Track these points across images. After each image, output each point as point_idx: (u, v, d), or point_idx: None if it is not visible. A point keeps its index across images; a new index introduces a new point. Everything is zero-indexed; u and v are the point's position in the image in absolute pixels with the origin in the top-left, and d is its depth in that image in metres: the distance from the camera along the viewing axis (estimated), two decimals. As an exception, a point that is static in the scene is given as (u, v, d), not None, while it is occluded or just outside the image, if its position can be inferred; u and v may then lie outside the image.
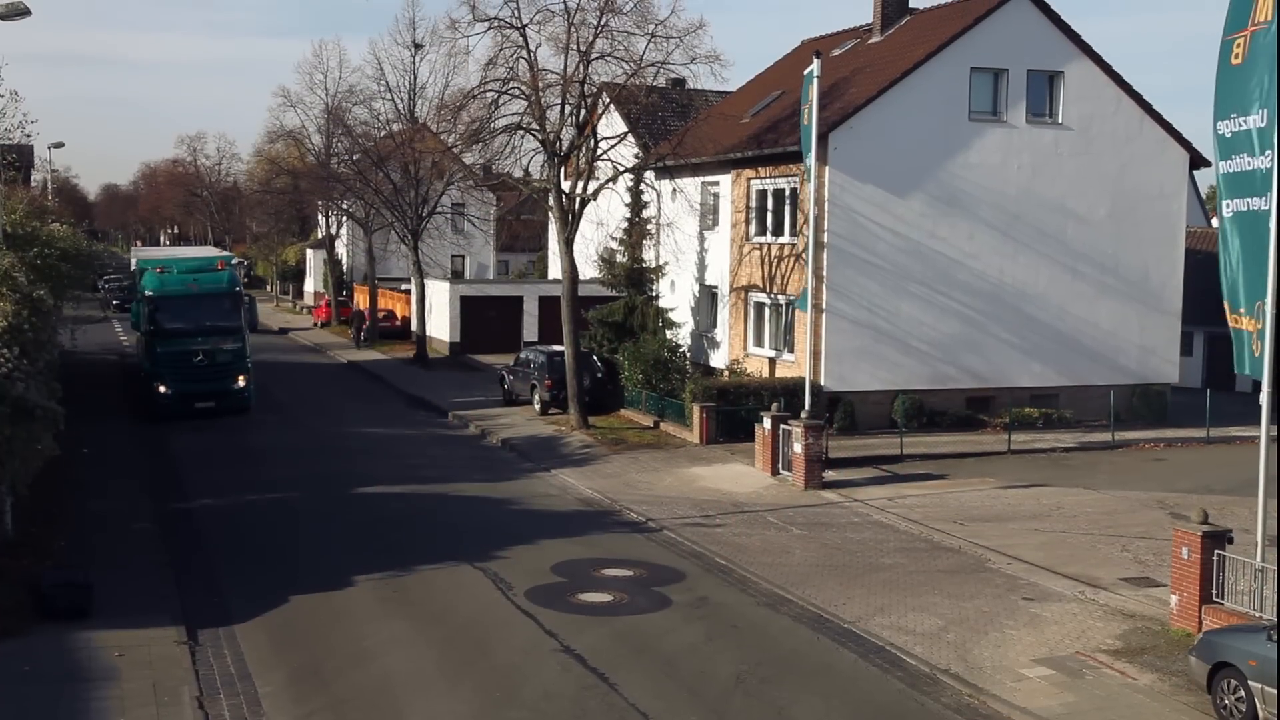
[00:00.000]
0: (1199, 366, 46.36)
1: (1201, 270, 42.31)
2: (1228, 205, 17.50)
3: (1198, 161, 37.20)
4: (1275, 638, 13.98)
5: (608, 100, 36.45)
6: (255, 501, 26.43)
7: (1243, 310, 17.29)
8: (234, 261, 38.50)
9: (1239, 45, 16.92)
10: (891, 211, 34.05)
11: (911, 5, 39.98)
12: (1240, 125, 16.99)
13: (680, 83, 45.41)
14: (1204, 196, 71.70)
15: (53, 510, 24.01)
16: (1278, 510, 16.73)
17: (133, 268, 42.56)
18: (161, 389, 35.84)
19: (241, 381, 36.79)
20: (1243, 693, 14.24)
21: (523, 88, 33.43)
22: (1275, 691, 13.79)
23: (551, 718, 14.56)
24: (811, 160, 29.72)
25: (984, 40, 34.51)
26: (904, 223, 34.20)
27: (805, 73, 29.99)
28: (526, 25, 33.11)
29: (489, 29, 33.11)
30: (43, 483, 23.92)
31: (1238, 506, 23.69)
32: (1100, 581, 20.49)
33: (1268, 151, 16.63)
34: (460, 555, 21.62)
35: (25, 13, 21.66)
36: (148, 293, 36.66)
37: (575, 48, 32.89)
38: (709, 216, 40.55)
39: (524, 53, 33.36)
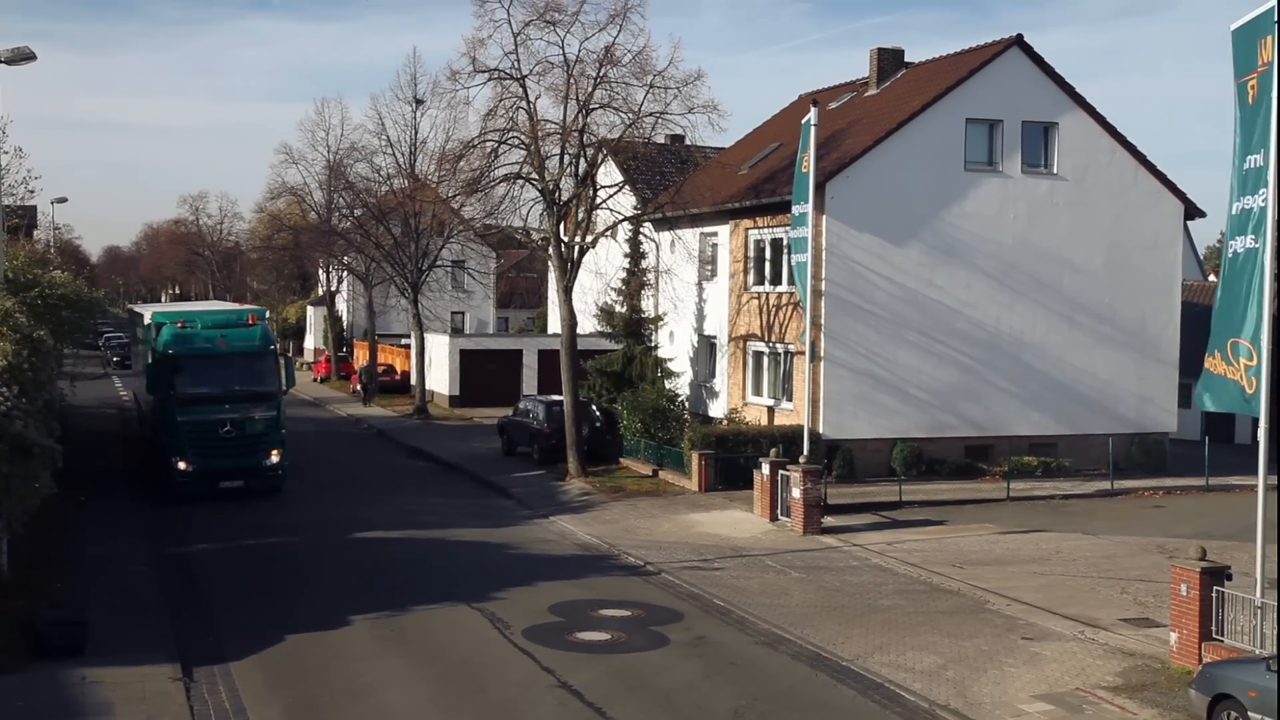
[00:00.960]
0: (1198, 419, 46.32)
1: (1199, 323, 42.29)
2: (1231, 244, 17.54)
3: (1192, 212, 37.53)
4: (1275, 668, 13.92)
5: (605, 152, 36.70)
6: (253, 546, 26.36)
7: (1219, 351, 17.43)
8: (265, 316, 34.53)
9: (1252, 86, 17.06)
10: (889, 260, 34.28)
11: (907, 60, 40.55)
12: (1254, 164, 17.10)
13: (679, 139, 45.90)
14: (1201, 255, 72.25)
15: (49, 554, 23.90)
16: (1278, 551, 16.69)
17: (146, 322, 35.99)
18: (181, 465, 30.69)
19: (275, 457, 31.68)
20: (1243, 724, 14.16)
21: (522, 137, 33.76)
22: (1276, 722, 13.72)
23: (548, 751, 14.47)
24: (809, 208, 29.90)
25: (978, 92, 34.94)
26: (901, 271, 34.42)
27: (803, 121, 30.30)
28: (526, 76, 33.55)
29: (489, 80, 33.51)
30: (40, 527, 23.85)
31: (1237, 551, 23.54)
32: (1100, 622, 20.41)
33: (1261, 190, 16.81)
34: (457, 596, 21.55)
35: (31, 57, 21.96)
36: (167, 351, 31.26)
37: (574, 98, 33.27)
38: (707, 267, 40.81)
39: (523, 103, 33.72)
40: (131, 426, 45.79)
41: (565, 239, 35.57)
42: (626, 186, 39.97)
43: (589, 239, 35.36)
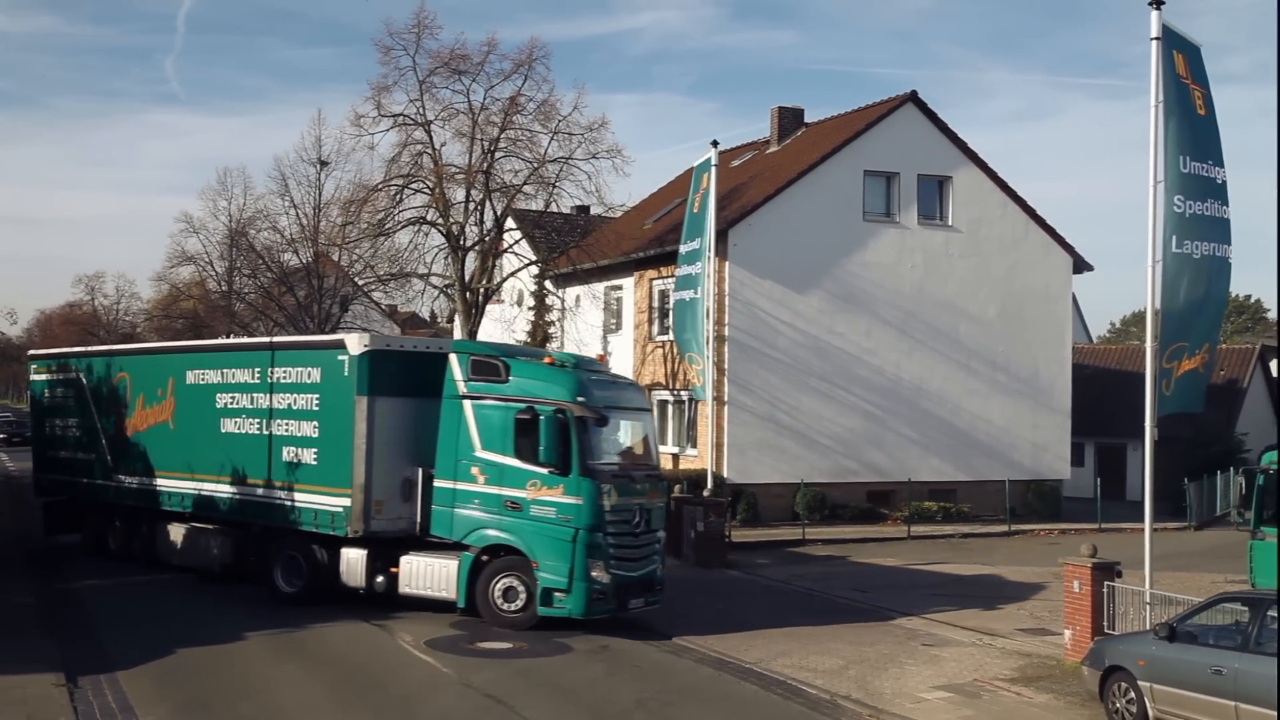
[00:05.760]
0: (1090, 475, 47.37)
1: (1089, 385, 43.69)
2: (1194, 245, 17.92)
3: (1080, 266, 38.76)
4: (1162, 635, 14.24)
5: (509, 201, 36.96)
6: (145, 581, 25.56)
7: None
8: None
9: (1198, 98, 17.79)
10: (791, 307, 34.86)
11: (807, 120, 41.64)
12: (1205, 172, 17.73)
13: (584, 209, 46.35)
14: (1095, 335, 74.22)
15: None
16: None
17: (355, 351, 21.13)
18: (595, 574, 19.79)
19: (660, 565, 21.70)
20: (1133, 694, 14.43)
21: (427, 181, 33.92)
22: (1165, 689, 14.00)
23: (447, 736, 14.22)
24: (698, 245, 30.26)
25: (875, 145, 35.99)
26: (803, 318, 35.02)
27: (698, 164, 30.83)
28: (432, 122, 33.82)
29: (394, 125, 33.73)
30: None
31: (1132, 579, 24.06)
32: (998, 631, 20.81)
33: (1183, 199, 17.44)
34: (356, 617, 21.15)
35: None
36: (571, 398, 19.86)
37: (480, 139, 33.61)
38: (612, 319, 41.06)
39: (429, 149, 33.93)
40: (23, 494, 44.24)
41: (470, 285, 35.61)
42: (528, 243, 40.24)
43: (494, 283, 35.47)
